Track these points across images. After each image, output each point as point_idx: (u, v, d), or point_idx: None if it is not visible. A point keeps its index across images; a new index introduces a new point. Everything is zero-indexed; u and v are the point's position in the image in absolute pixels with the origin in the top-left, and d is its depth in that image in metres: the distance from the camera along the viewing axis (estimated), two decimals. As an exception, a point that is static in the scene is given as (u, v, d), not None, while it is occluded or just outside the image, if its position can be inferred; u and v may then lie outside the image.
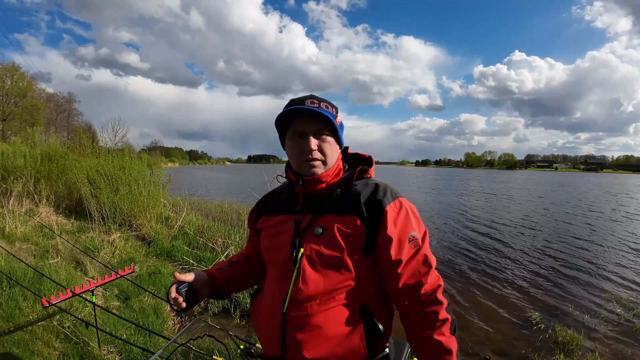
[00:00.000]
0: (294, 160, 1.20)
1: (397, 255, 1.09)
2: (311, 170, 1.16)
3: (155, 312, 3.72)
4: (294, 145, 1.18)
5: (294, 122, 1.17)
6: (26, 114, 37.42)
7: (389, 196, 1.15)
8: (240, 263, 1.44)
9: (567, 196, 24.39)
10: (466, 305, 5.07)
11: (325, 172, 1.18)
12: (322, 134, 1.17)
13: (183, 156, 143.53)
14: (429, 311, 1.06)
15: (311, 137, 1.15)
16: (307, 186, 1.19)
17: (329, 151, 1.18)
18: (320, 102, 1.17)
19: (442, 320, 1.05)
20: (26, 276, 3.88)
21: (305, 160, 1.16)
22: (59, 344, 3.02)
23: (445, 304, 1.07)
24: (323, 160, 1.17)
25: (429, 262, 1.11)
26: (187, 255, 5.46)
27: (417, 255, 1.11)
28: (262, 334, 1.22)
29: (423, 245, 1.13)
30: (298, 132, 1.17)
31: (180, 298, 1.21)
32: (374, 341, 1.11)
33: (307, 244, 1.14)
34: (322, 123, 1.16)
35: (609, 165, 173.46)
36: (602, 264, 7.38)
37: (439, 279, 1.10)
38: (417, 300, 1.08)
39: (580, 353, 3.79)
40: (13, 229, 5.68)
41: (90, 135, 11.95)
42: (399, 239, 1.11)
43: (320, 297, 1.10)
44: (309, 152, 1.14)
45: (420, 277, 1.09)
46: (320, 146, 1.16)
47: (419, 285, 1.08)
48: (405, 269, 1.09)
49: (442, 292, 1.09)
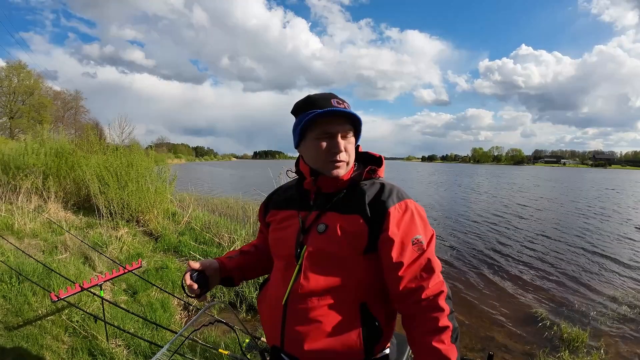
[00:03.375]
0: (318, 159, 1.19)
1: (398, 258, 1.08)
2: (335, 171, 1.17)
3: (163, 306, 3.76)
4: (321, 145, 1.16)
5: (321, 121, 1.16)
6: (33, 112, 37.71)
7: (394, 197, 1.15)
8: (250, 252, 1.48)
9: (575, 192, 24.16)
10: (471, 300, 5.06)
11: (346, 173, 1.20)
12: (349, 135, 1.18)
13: (189, 152, 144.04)
14: (429, 317, 1.05)
15: (340, 139, 1.16)
16: (322, 184, 1.20)
17: (352, 152, 1.20)
18: (344, 102, 1.18)
19: (442, 327, 1.03)
20: (35, 271, 3.93)
21: (332, 160, 1.16)
22: (68, 337, 3.06)
23: (447, 311, 1.05)
24: (347, 162, 1.18)
25: (432, 267, 1.09)
26: (193, 250, 5.51)
27: (420, 258, 1.09)
28: (265, 323, 1.26)
29: (427, 248, 1.11)
30: (328, 133, 1.16)
31: (195, 285, 1.26)
32: (373, 340, 1.12)
33: (311, 241, 1.16)
34: (350, 124, 1.17)
35: (617, 160, 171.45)
36: (608, 260, 7.32)
37: (442, 285, 1.08)
38: (417, 304, 1.07)
39: (585, 350, 3.77)
40: (22, 225, 5.74)
41: (98, 132, 12.03)
42: (402, 241, 1.10)
43: (320, 292, 1.12)
44: (336, 153, 1.15)
45: (421, 281, 1.08)
46: (346, 147, 1.17)
47: (420, 289, 1.07)
48: (406, 272, 1.08)
49: (444, 298, 1.07)
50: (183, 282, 1.29)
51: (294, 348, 1.13)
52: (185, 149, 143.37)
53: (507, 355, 3.71)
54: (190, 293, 1.27)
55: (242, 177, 31.66)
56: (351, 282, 1.12)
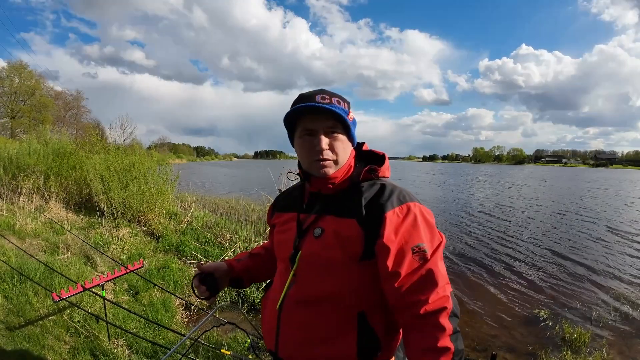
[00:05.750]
0: (304, 160, 1.13)
1: (394, 267, 0.99)
2: (322, 170, 1.09)
3: (164, 306, 3.76)
4: (304, 144, 1.10)
5: (304, 119, 1.10)
6: (35, 112, 37.72)
7: (394, 200, 1.05)
8: (260, 255, 1.46)
9: (578, 192, 24.12)
10: (473, 300, 5.05)
11: (336, 172, 1.11)
12: (334, 132, 1.09)
13: (190, 152, 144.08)
14: (427, 335, 0.95)
15: (322, 136, 1.08)
16: (315, 185, 1.15)
17: (341, 150, 1.10)
18: (332, 97, 1.09)
19: (442, 348, 0.92)
20: (37, 271, 3.94)
21: (317, 160, 1.08)
22: (69, 337, 3.06)
23: (449, 330, 0.94)
24: (335, 160, 1.09)
25: (435, 279, 0.98)
26: (195, 250, 5.51)
27: (421, 269, 0.99)
28: (263, 325, 1.25)
29: (431, 258, 1.00)
30: (308, 130, 1.09)
31: (204, 287, 1.28)
32: (370, 352, 1.05)
33: (306, 245, 1.11)
34: (333, 120, 1.08)
35: (618, 160, 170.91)
36: (611, 261, 7.29)
37: (445, 301, 0.96)
38: (414, 319, 0.97)
39: (587, 350, 3.76)
40: (24, 225, 5.75)
41: (99, 132, 12.02)
42: (400, 249, 1.00)
43: (314, 298, 1.07)
44: (319, 151, 1.07)
45: (421, 294, 0.97)
46: (331, 145, 1.08)
47: (419, 303, 0.96)
48: (403, 282, 0.98)
49: (447, 316, 0.95)
50: (193, 285, 1.31)
51: (286, 354, 1.10)
52: (187, 149, 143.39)
53: (509, 355, 3.70)
54: (200, 295, 1.28)
55: (243, 179, 31.63)
56: (347, 289, 1.06)
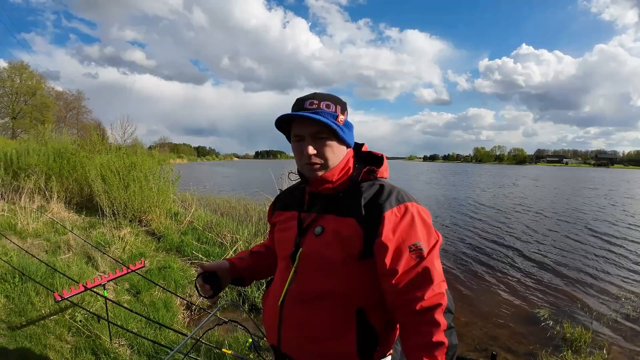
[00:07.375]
0: (297, 163, 1.18)
1: (392, 265, 1.02)
2: (312, 173, 1.13)
3: (166, 305, 3.77)
4: (296, 149, 1.15)
5: (294, 123, 1.14)
6: (36, 112, 37.77)
7: (392, 200, 1.08)
8: (261, 253, 1.49)
9: (580, 192, 24.11)
10: (473, 300, 5.06)
11: (330, 172, 1.14)
12: (321, 137, 1.11)
13: (191, 152, 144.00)
14: (422, 330, 0.99)
15: (309, 142, 1.11)
16: (312, 186, 1.18)
17: (330, 154, 1.12)
18: (321, 102, 1.10)
19: (436, 343, 0.96)
20: (38, 271, 3.95)
21: (307, 163, 1.12)
22: (71, 337, 3.07)
23: (444, 326, 0.98)
24: (322, 164, 1.12)
25: (431, 277, 1.01)
26: (196, 250, 5.52)
27: (417, 267, 1.02)
28: (265, 322, 1.27)
29: (428, 256, 1.03)
30: (297, 136, 1.13)
31: (207, 286, 1.30)
32: (369, 347, 1.08)
33: (307, 243, 1.14)
34: (320, 126, 1.09)
35: (619, 160, 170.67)
36: (612, 260, 7.31)
37: (441, 297, 1.00)
38: (410, 315, 1.01)
39: (588, 350, 3.76)
40: (25, 225, 5.76)
41: (100, 132, 12.05)
42: (397, 247, 1.03)
43: (314, 295, 1.11)
44: (307, 157, 1.11)
45: (417, 291, 1.00)
46: (319, 150, 1.11)
47: (415, 300, 1.00)
48: (400, 280, 1.02)
49: (441, 312, 0.99)
50: (196, 284, 1.33)
51: (289, 348, 1.14)
52: (187, 149, 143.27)
53: (509, 354, 3.70)
54: (204, 294, 1.31)
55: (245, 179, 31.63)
56: (346, 287, 1.09)
